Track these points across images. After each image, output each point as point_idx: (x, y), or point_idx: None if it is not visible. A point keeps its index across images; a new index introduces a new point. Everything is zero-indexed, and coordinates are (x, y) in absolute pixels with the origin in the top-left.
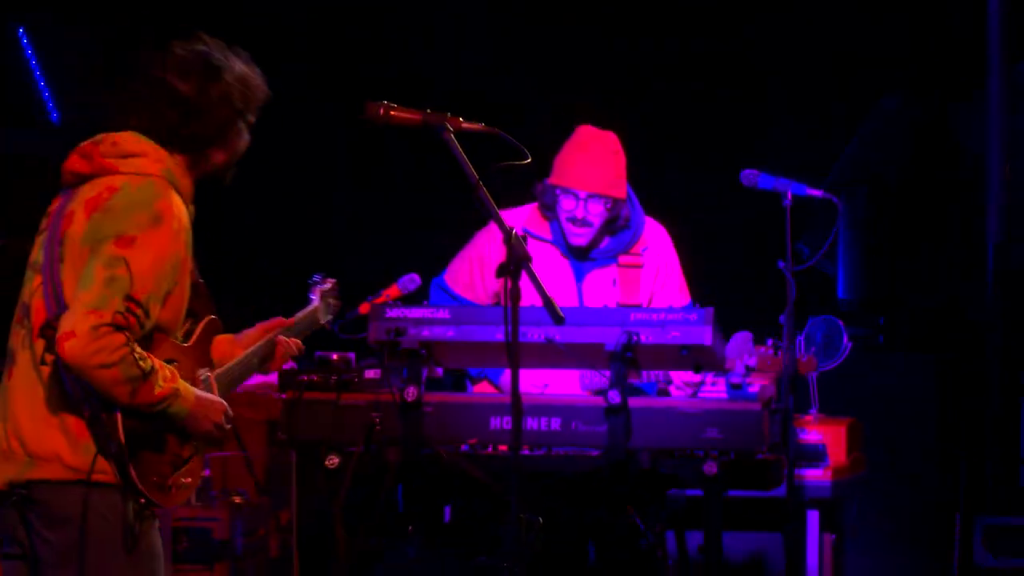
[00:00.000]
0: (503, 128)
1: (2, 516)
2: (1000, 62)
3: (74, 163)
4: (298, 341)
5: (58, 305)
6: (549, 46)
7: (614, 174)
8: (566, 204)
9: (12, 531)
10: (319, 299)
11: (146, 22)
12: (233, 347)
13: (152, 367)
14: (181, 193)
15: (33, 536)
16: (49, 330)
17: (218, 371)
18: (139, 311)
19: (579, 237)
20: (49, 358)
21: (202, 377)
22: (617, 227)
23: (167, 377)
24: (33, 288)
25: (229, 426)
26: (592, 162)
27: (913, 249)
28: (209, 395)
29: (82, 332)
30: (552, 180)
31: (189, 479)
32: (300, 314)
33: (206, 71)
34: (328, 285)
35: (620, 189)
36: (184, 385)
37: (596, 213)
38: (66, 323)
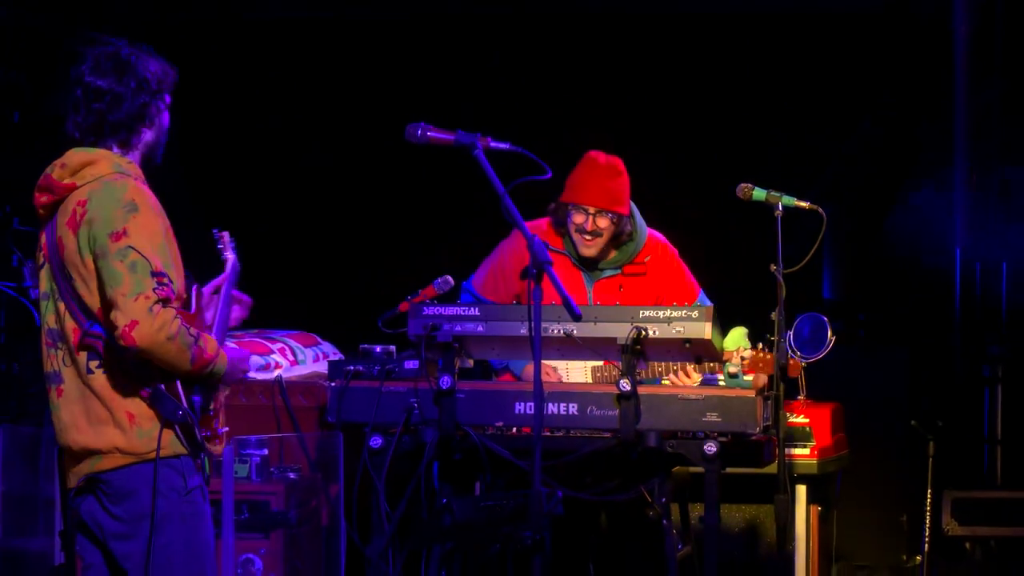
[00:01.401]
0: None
1: (85, 506)
2: (966, 84)
3: (40, 199)
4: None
5: (87, 317)
6: (566, 79)
7: (619, 193)
8: (577, 218)
9: (92, 517)
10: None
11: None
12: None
13: (198, 332)
14: (137, 177)
15: (103, 514)
16: (88, 338)
17: (215, 326)
18: (166, 280)
19: (589, 248)
20: (94, 364)
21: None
22: (622, 240)
23: (207, 337)
24: (60, 314)
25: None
26: (600, 182)
27: (888, 254)
28: (235, 347)
29: (141, 316)
30: (564, 198)
31: (227, 427)
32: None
33: (118, 65)
34: (225, 237)
35: (624, 206)
36: (215, 342)
37: (603, 226)
38: (122, 317)
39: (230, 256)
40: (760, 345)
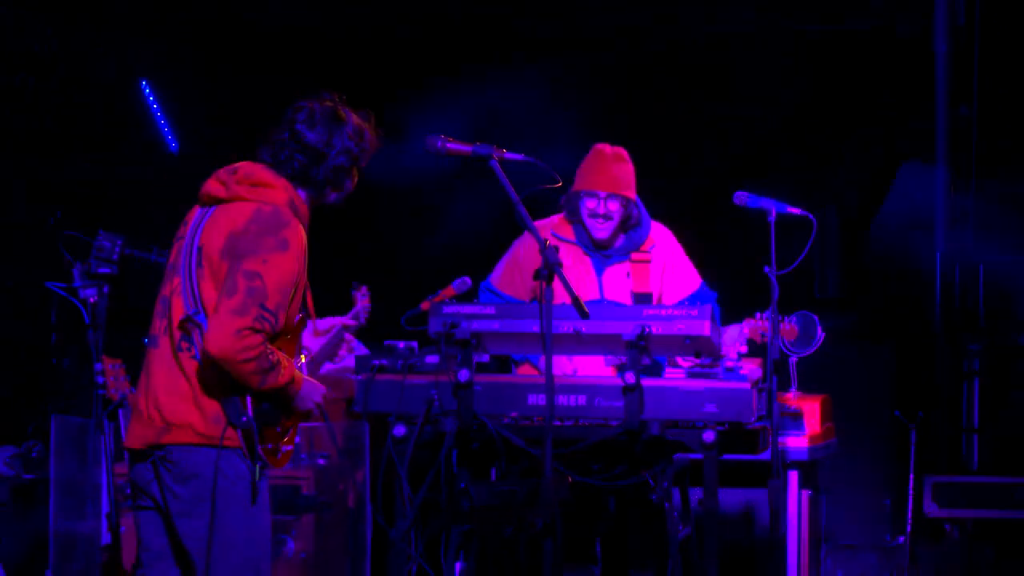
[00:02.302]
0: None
1: (139, 472)
2: (945, 100)
3: (212, 187)
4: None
5: (195, 303)
6: (582, 104)
7: (626, 178)
8: (589, 204)
9: (147, 486)
10: (360, 305)
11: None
12: (310, 335)
13: (278, 360)
14: (301, 221)
15: (164, 490)
16: (188, 323)
17: (312, 357)
18: (271, 318)
19: (601, 231)
20: (185, 345)
21: (297, 365)
22: (630, 225)
23: (287, 367)
24: (173, 287)
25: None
26: (608, 169)
27: (875, 258)
28: (312, 379)
29: (229, 333)
30: (576, 187)
31: (291, 446)
32: (351, 313)
33: (330, 123)
34: (363, 293)
35: (631, 190)
36: (298, 373)
37: (614, 210)
38: (214, 326)
39: (360, 307)
40: (757, 314)
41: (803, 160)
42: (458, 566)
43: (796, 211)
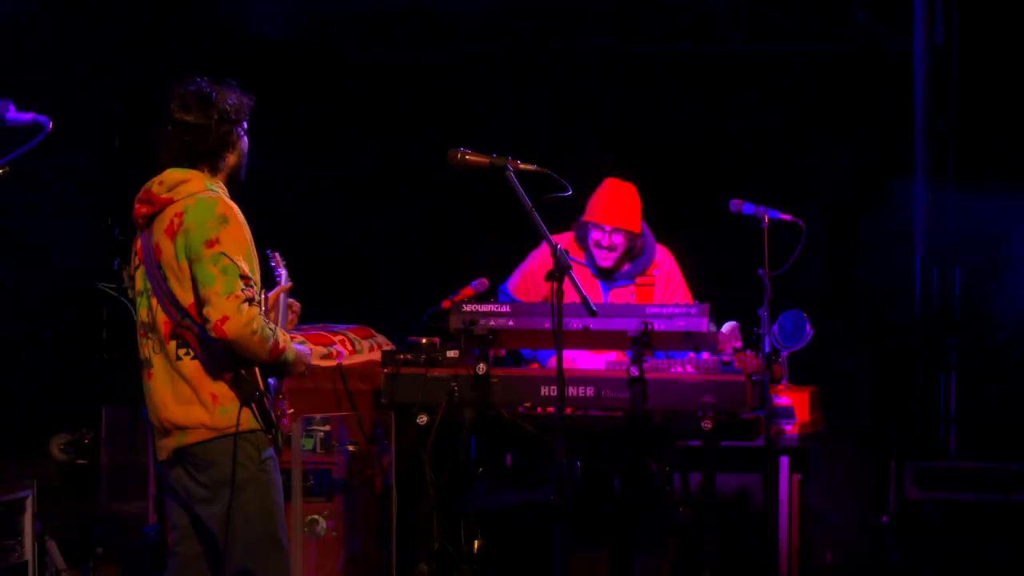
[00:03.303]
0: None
1: (174, 475)
2: (924, 115)
3: (139, 209)
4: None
5: (178, 312)
6: (590, 115)
7: (632, 214)
8: (595, 235)
9: (180, 484)
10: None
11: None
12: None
13: (273, 327)
14: (224, 192)
15: (189, 481)
16: (179, 329)
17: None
18: (251, 282)
19: (605, 260)
20: (182, 352)
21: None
22: (634, 255)
23: (281, 333)
24: (152, 308)
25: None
26: (616, 204)
27: (860, 260)
28: (299, 345)
29: (232, 312)
30: (585, 218)
31: (292, 409)
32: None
33: (201, 101)
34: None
35: (636, 225)
36: (287, 338)
37: (618, 242)
38: (215, 313)
39: (282, 272)
40: (748, 352)
41: (794, 170)
42: (475, 544)
43: (787, 217)
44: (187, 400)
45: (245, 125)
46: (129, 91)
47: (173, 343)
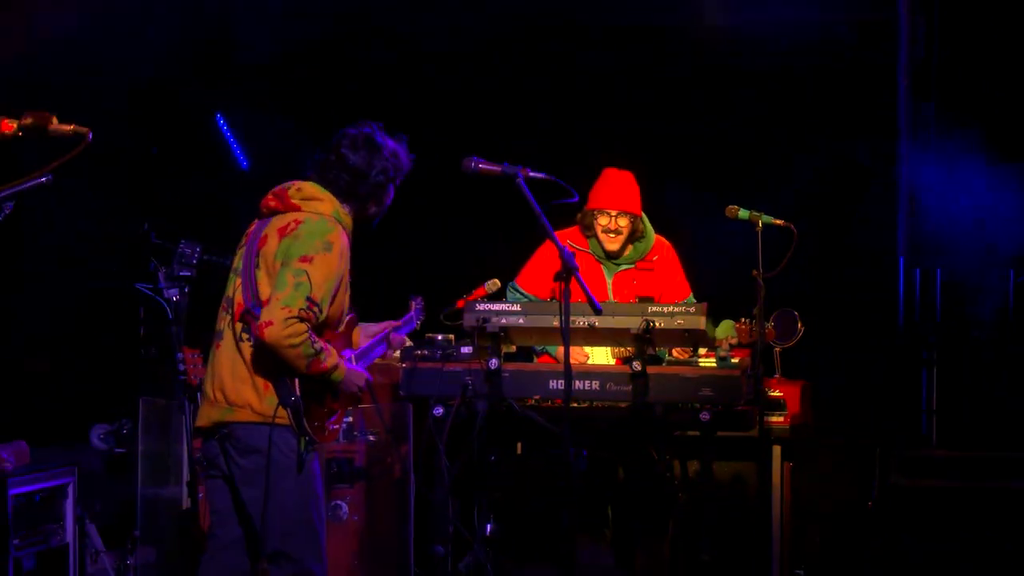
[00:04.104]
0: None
1: (208, 448)
2: (908, 126)
3: (269, 200)
4: (403, 338)
5: (253, 299)
6: (595, 124)
7: (634, 198)
8: (602, 220)
9: (215, 459)
10: (415, 312)
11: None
12: (363, 336)
13: (321, 347)
14: (345, 229)
15: (229, 462)
16: (248, 316)
17: (356, 352)
18: (315, 308)
19: (612, 244)
20: (246, 336)
21: (347, 356)
22: (636, 237)
23: (330, 354)
24: (236, 286)
25: (367, 390)
26: (618, 189)
27: (847, 261)
28: (356, 367)
29: (278, 321)
30: (590, 205)
31: (337, 425)
32: (403, 319)
33: (370, 147)
34: (419, 302)
35: (638, 208)
36: (341, 362)
37: (623, 225)
38: (266, 315)
39: (412, 314)
40: (743, 319)
41: (788, 178)
42: (488, 527)
43: (780, 222)
44: (242, 379)
45: (398, 183)
46: (166, 105)
47: (240, 325)
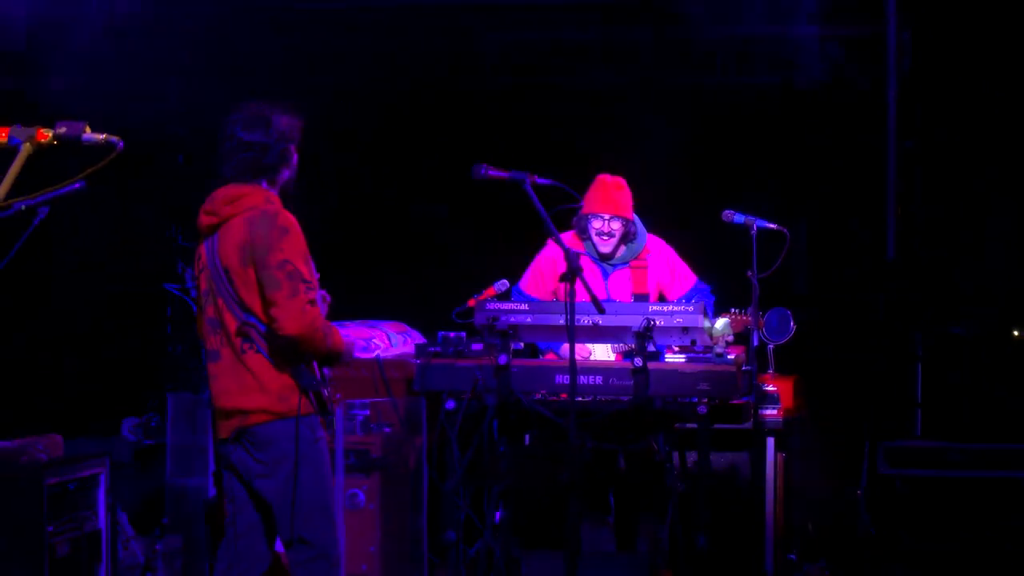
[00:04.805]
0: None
1: (235, 453)
2: (895, 138)
3: (204, 220)
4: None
5: (243, 312)
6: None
7: (626, 202)
8: (596, 224)
9: (240, 462)
10: None
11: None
12: None
13: (330, 325)
14: (281, 204)
15: (249, 459)
16: (244, 327)
17: None
18: (312, 286)
19: (605, 246)
20: (247, 346)
21: None
22: (629, 239)
23: (334, 328)
24: (219, 307)
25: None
26: (611, 195)
27: (835, 262)
28: (347, 335)
29: (297, 313)
30: (585, 210)
31: (340, 395)
32: None
33: (261, 119)
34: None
35: (629, 212)
36: (338, 332)
37: (616, 228)
38: (283, 314)
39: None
40: (734, 309)
41: (780, 185)
42: (497, 514)
43: (773, 226)
44: (250, 388)
45: (296, 143)
46: (190, 114)
47: (240, 339)
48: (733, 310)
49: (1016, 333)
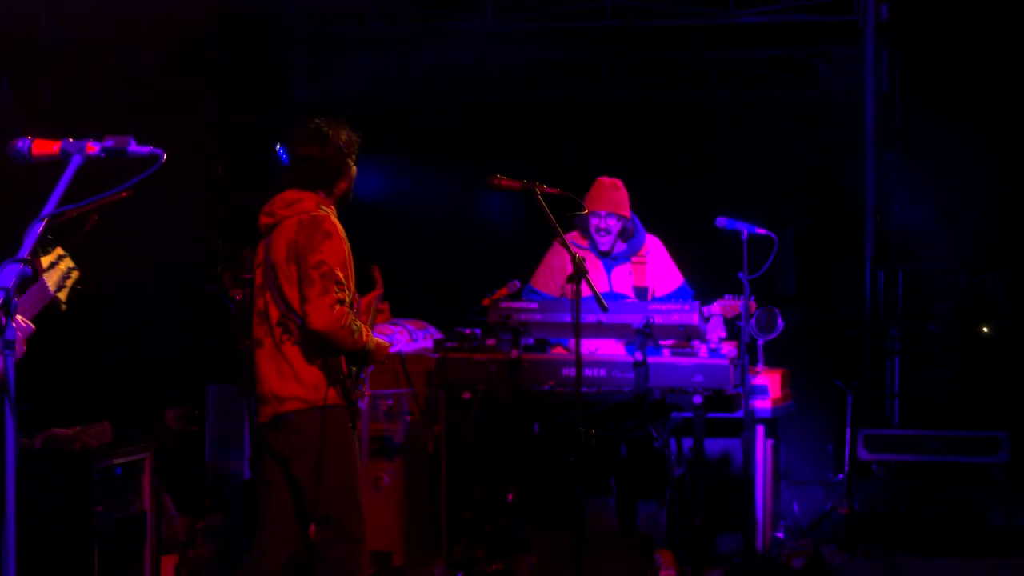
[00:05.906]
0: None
1: (272, 437)
2: (874, 150)
3: (263, 220)
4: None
5: (286, 305)
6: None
7: (622, 201)
8: (594, 221)
9: (275, 445)
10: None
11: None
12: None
13: (359, 324)
14: (332, 213)
15: (283, 443)
16: (284, 319)
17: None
18: (345, 287)
19: (604, 243)
20: (286, 337)
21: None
22: (627, 235)
23: (366, 329)
24: (267, 300)
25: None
26: (607, 194)
27: (821, 265)
28: (381, 338)
29: (326, 310)
30: (586, 209)
31: (368, 393)
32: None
33: (320, 136)
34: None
35: (626, 210)
36: (371, 332)
37: (612, 225)
38: (312, 309)
39: (378, 281)
40: (727, 296)
41: (769, 194)
42: (509, 496)
43: (762, 232)
44: (287, 377)
45: (355, 157)
46: (228, 129)
47: (279, 329)
48: (728, 296)
49: (985, 330)
